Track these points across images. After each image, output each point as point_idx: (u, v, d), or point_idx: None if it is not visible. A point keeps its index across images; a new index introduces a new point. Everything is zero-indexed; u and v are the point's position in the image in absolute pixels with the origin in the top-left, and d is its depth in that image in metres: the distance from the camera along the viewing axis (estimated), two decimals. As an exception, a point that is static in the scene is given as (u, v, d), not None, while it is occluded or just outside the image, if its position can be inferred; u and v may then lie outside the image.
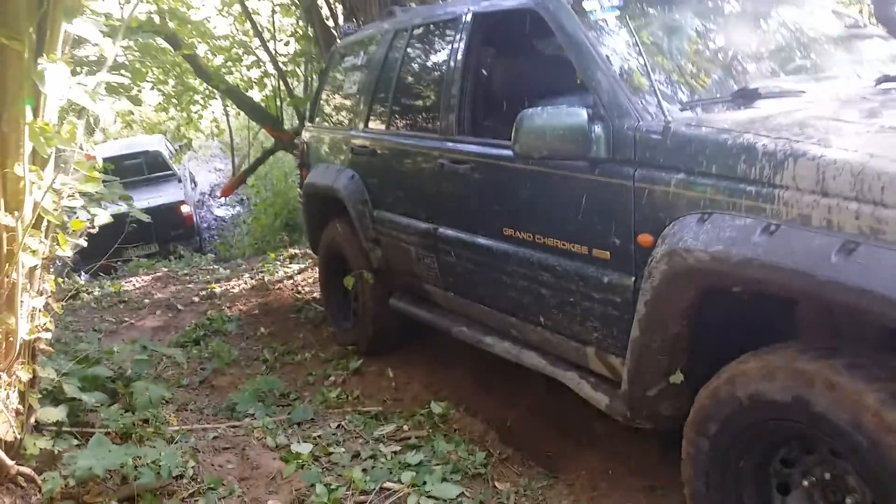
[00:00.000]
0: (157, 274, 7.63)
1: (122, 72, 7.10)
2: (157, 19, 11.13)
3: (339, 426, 3.70)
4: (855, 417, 1.86)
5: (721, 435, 2.23)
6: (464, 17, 3.70)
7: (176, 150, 13.07)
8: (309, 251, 7.62)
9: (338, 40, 5.42)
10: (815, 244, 1.93)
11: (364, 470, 3.18)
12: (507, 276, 3.21)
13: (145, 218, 3.55)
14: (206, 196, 16.77)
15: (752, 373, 2.13)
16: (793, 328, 2.37)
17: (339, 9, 10.55)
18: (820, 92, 2.78)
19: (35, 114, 2.58)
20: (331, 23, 10.78)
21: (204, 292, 6.54)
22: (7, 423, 2.77)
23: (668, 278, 2.35)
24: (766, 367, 2.08)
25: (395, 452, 3.36)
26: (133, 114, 13.29)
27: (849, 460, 1.98)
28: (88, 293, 6.67)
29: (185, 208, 10.98)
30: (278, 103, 12.72)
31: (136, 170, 11.45)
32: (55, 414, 3.10)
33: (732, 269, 2.13)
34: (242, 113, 13.81)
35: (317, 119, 5.30)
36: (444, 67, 3.77)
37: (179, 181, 11.96)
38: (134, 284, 7.13)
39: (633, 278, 2.54)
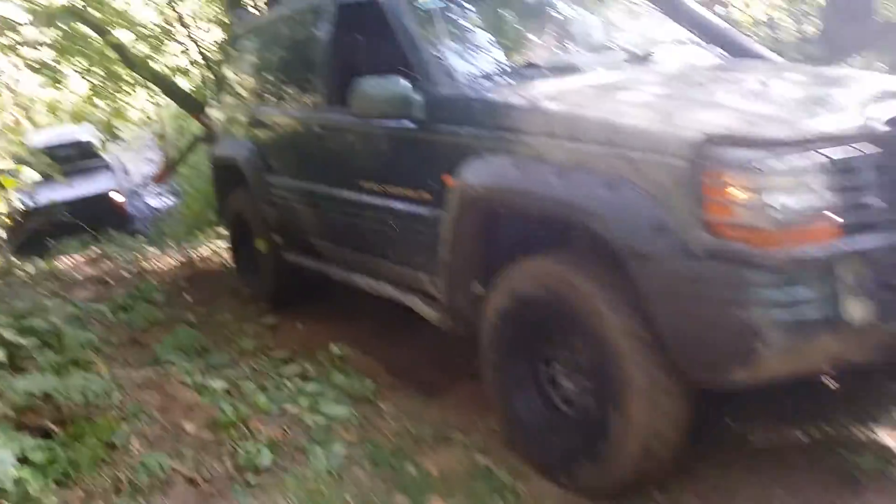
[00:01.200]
0: (90, 254, 8.00)
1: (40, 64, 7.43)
2: (80, 5, 11.30)
3: (251, 369, 4.23)
4: (587, 311, 2.61)
5: (506, 324, 2.98)
6: (330, 6, 4.35)
7: (104, 140, 13.26)
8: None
9: (234, 27, 5.99)
10: (542, 172, 2.70)
11: (267, 397, 3.73)
12: (364, 221, 3.93)
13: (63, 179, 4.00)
14: (140, 186, 16.93)
15: (517, 276, 2.89)
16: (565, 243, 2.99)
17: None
18: (585, 65, 3.52)
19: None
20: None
21: (134, 269, 6.96)
22: (-48, 358, 3.24)
23: (459, 208, 3.07)
24: (526, 272, 2.85)
25: (297, 386, 3.92)
26: (61, 102, 13.41)
27: (585, 350, 2.72)
28: (22, 271, 7.02)
29: (117, 196, 11.25)
30: (206, 91, 13.03)
31: (68, 159, 11.63)
32: (-4, 353, 3.57)
33: (498, 196, 2.93)
34: (172, 101, 14.06)
35: (222, 97, 5.87)
36: (316, 50, 4.40)
37: (111, 171, 12.18)
38: (66, 263, 7.50)
39: (444, 212, 3.20)
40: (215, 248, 7.44)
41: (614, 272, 2.55)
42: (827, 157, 2.27)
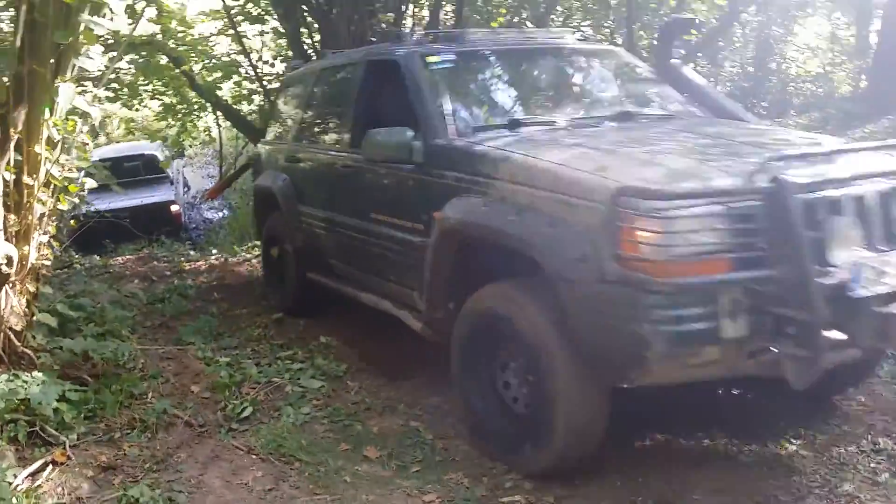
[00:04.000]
0: (140, 255, 9.06)
1: (120, 86, 8.54)
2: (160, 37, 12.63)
3: (252, 350, 5.12)
4: (529, 326, 3.29)
5: (471, 335, 3.65)
6: (361, 62, 5.15)
7: (168, 155, 14.52)
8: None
9: (287, 70, 6.67)
10: (504, 211, 3.41)
11: (260, 371, 4.60)
12: (372, 247, 4.62)
13: (118, 189, 4.98)
14: (197, 199, 18.22)
15: (486, 296, 3.56)
16: (529, 269, 3.36)
17: (318, 37, 12.09)
18: (563, 122, 4.21)
19: (51, 114, 4.02)
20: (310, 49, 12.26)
21: (176, 269, 7.97)
22: (19, 317, 4.20)
23: (439, 236, 3.80)
24: (487, 293, 3.55)
25: (285, 365, 4.78)
26: (135, 121, 14.76)
27: (527, 357, 3.40)
28: (81, 265, 8.10)
29: (174, 207, 12.39)
30: (263, 117, 14.22)
31: (134, 171, 12.85)
32: (49, 319, 4.52)
33: (468, 229, 3.64)
34: (232, 125, 15.30)
35: (267, 136, 6.72)
36: (346, 99, 5.20)
37: (172, 183, 13.37)
38: (119, 261, 8.57)
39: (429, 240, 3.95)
40: (246, 258, 8.39)
41: (549, 295, 3.20)
42: (721, 206, 2.87)
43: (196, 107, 15.28)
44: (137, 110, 14.16)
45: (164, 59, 13.69)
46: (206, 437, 3.87)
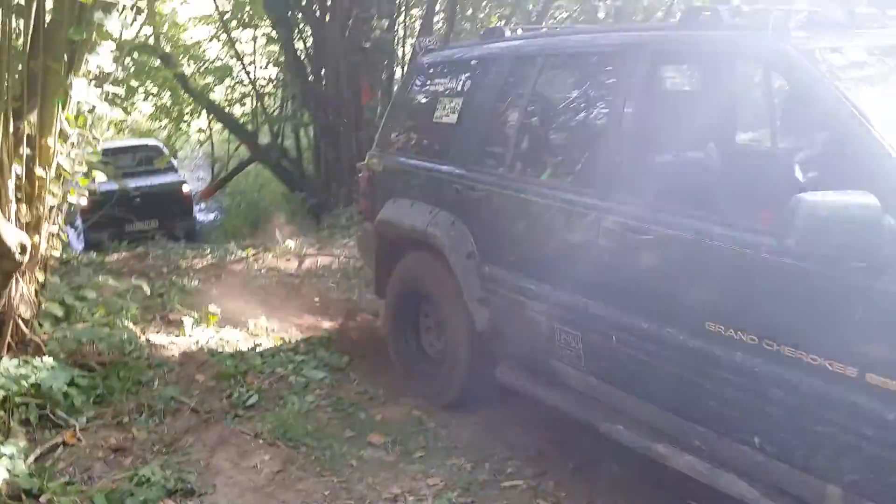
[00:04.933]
0: (135, 253, 9.13)
1: (118, 86, 8.67)
2: (153, 41, 12.80)
3: (255, 342, 5.23)
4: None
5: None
6: (638, 49, 3.24)
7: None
8: (265, 240, 9.19)
9: (419, 56, 4.76)
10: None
11: (263, 361, 4.71)
12: (703, 381, 2.77)
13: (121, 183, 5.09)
14: (192, 192, 18.36)
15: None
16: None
17: (310, 42, 12.25)
18: None
19: (63, 108, 4.13)
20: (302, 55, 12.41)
21: (172, 265, 8.05)
22: (28, 306, 4.29)
23: None
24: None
25: (288, 357, 4.89)
26: (125, 121, 14.91)
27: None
28: (79, 261, 8.16)
29: (185, 188, 12.61)
30: (255, 120, 14.43)
31: (147, 160, 13.06)
32: (56, 308, 4.63)
33: None
34: (224, 127, 15.48)
35: (388, 145, 4.73)
36: (607, 108, 3.35)
37: (177, 171, 13.55)
38: (116, 258, 8.64)
39: None
40: (242, 255, 8.46)
41: None
42: None
43: (189, 108, 15.47)
44: (129, 113, 14.33)
45: (156, 63, 13.93)
46: (212, 422, 3.97)
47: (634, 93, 3.17)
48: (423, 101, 4.59)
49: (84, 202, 4.67)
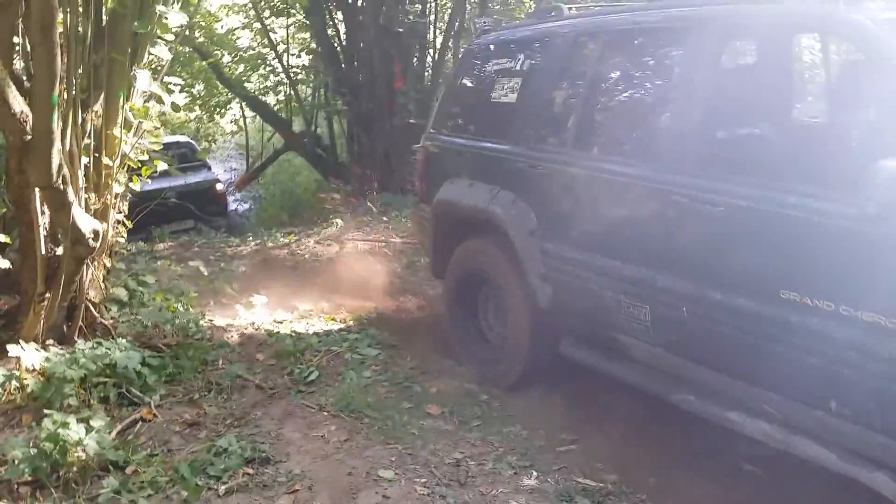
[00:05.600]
0: (180, 242, 9.38)
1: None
2: (186, 31, 13.00)
3: (308, 322, 5.42)
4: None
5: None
6: (708, 22, 3.28)
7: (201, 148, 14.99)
8: (303, 226, 9.38)
9: (474, 37, 4.83)
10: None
11: (319, 340, 4.89)
12: (779, 347, 2.82)
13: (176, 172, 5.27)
14: (225, 189, 18.64)
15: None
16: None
17: (343, 29, 12.38)
18: None
19: (127, 99, 4.31)
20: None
21: (219, 253, 8.27)
22: (97, 290, 4.50)
23: None
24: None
25: (342, 336, 5.07)
26: (165, 114, 15.18)
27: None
28: (128, 251, 8.40)
29: (219, 186, 12.83)
30: (289, 109, 14.62)
31: (181, 157, 13.27)
32: (122, 293, 4.84)
33: None
34: (258, 116, 15.70)
35: (445, 126, 4.83)
36: (675, 82, 3.41)
37: (210, 169, 13.79)
38: (162, 248, 8.89)
39: None
40: (285, 241, 8.66)
41: None
42: None
43: (223, 98, 15.70)
44: (179, 108, 14.60)
45: (189, 53, 14.13)
46: (277, 398, 4.15)
47: (701, 66, 3.21)
48: (480, 81, 4.61)
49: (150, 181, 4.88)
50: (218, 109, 15.54)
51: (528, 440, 3.68)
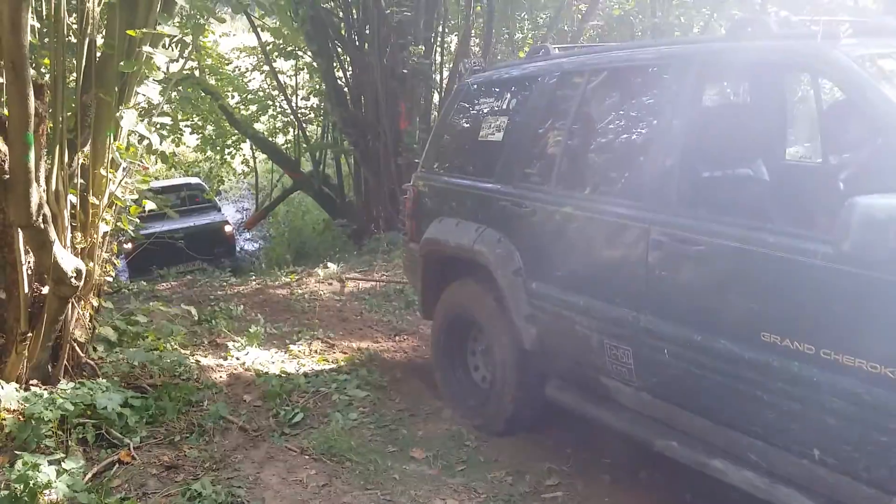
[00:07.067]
0: (182, 281, 9.37)
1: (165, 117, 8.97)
2: (197, 73, 13.19)
3: (299, 363, 5.34)
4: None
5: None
6: (686, 61, 3.25)
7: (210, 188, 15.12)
8: (307, 265, 9.35)
9: (464, 77, 4.84)
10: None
11: (308, 381, 4.81)
12: (760, 392, 2.72)
13: (172, 214, 5.26)
14: (234, 230, 18.75)
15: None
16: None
17: (350, 70, 12.50)
18: None
19: (115, 139, 4.32)
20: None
21: (220, 292, 8.24)
22: (83, 330, 4.46)
23: None
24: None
25: (331, 376, 4.99)
26: (175, 154, 15.33)
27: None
28: (129, 290, 8.40)
29: (227, 228, 12.90)
30: (297, 149, 14.74)
31: (190, 198, 13.41)
32: (110, 333, 4.80)
33: None
34: (267, 157, 15.84)
35: (434, 165, 4.82)
36: (656, 121, 3.36)
37: (220, 210, 13.87)
38: (164, 286, 8.88)
39: None
40: (286, 281, 8.63)
41: None
42: None
43: (234, 139, 15.88)
44: (178, 145, 14.78)
45: (200, 95, 14.32)
46: (260, 440, 4.07)
47: (684, 105, 3.16)
48: (468, 120, 4.60)
49: (128, 246, 4.84)
50: (227, 150, 15.68)
51: (512, 486, 3.57)
